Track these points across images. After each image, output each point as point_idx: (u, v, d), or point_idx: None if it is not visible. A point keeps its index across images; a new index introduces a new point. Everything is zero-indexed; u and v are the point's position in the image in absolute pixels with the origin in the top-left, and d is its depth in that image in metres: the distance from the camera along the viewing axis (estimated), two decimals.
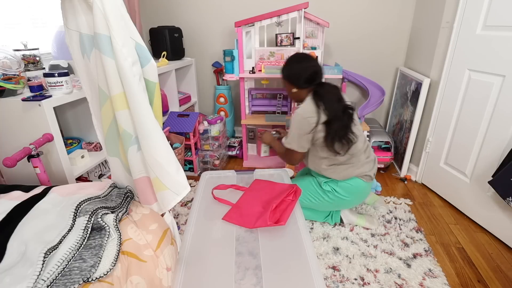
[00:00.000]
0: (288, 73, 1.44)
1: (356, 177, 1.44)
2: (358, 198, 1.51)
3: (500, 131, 1.44)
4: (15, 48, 1.41)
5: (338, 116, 1.34)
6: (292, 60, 1.44)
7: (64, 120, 1.66)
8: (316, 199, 1.50)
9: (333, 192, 1.45)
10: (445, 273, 1.30)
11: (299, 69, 1.40)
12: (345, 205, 1.54)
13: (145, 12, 2.50)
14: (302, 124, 1.36)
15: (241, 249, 0.95)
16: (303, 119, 1.35)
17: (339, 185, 1.44)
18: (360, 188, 1.45)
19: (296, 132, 1.39)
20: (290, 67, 1.43)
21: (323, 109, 1.34)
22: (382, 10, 2.23)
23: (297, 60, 1.43)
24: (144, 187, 0.92)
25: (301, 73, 1.39)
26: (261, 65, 2.02)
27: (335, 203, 1.48)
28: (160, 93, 0.87)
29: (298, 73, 1.40)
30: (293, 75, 1.42)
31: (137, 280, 0.76)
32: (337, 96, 1.39)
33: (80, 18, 0.78)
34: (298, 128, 1.38)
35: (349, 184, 1.44)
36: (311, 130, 1.35)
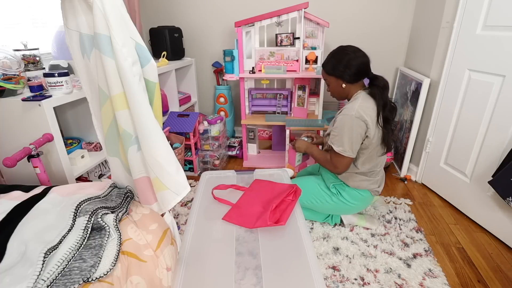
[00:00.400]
0: (335, 67, 1.31)
1: (367, 190, 1.43)
2: (360, 206, 1.50)
3: (500, 131, 1.44)
4: (15, 48, 1.41)
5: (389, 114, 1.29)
6: (337, 53, 1.32)
7: (64, 120, 1.66)
8: (319, 200, 1.49)
9: (337, 196, 1.45)
10: (445, 273, 1.30)
11: (349, 61, 1.27)
12: (346, 211, 1.54)
13: (145, 12, 2.50)
14: (355, 126, 1.25)
15: (241, 249, 0.95)
16: (356, 119, 1.24)
17: (346, 191, 1.43)
18: (365, 199, 1.45)
19: (348, 135, 1.26)
20: (337, 60, 1.30)
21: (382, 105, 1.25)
22: (382, 10, 2.23)
23: (343, 52, 1.30)
24: (144, 187, 0.92)
25: (352, 65, 1.27)
26: (261, 65, 2.02)
27: (337, 207, 1.48)
28: (160, 93, 0.87)
29: (349, 66, 1.28)
30: (342, 68, 1.29)
31: (137, 280, 0.76)
32: (388, 91, 1.32)
33: (80, 18, 0.78)
34: (350, 131, 1.25)
35: (357, 193, 1.43)
36: (364, 132, 1.26)
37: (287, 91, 2.19)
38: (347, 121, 1.26)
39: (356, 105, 1.26)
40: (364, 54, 1.31)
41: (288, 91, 2.19)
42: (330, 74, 1.35)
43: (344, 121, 1.26)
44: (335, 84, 1.36)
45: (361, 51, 1.31)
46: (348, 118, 1.26)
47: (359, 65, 1.29)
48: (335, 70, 1.32)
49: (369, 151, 1.33)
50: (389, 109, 1.30)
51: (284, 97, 2.20)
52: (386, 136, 1.30)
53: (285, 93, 2.19)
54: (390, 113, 1.31)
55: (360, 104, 1.27)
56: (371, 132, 1.27)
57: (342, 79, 1.32)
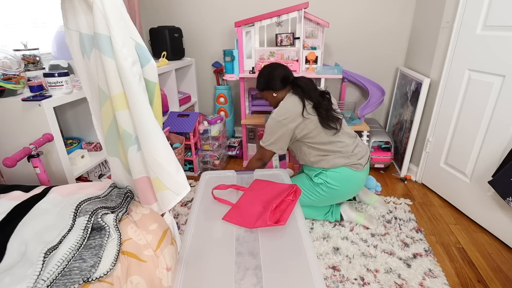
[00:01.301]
0: (264, 82, 1.55)
1: (344, 166, 1.46)
2: (350, 187, 1.52)
3: (500, 131, 1.44)
4: (15, 48, 1.41)
5: (319, 100, 1.47)
6: (261, 72, 1.58)
7: (64, 120, 1.66)
8: (312, 194, 1.52)
9: (324, 184, 1.47)
10: (445, 273, 1.30)
11: (271, 74, 1.53)
12: (340, 196, 1.55)
13: (145, 12, 2.50)
14: (275, 127, 1.46)
15: (241, 249, 0.95)
16: (278, 122, 1.45)
17: (328, 176, 1.47)
18: (349, 176, 1.48)
19: (270, 134, 1.48)
20: (264, 76, 1.56)
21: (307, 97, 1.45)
22: (382, 10, 2.23)
23: (265, 69, 1.57)
24: (144, 187, 0.92)
25: (274, 76, 1.52)
26: (261, 65, 2.01)
27: (329, 195, 1.50)
28: (160, 93, 0.87)
29: (272, 77, 1.52)
30: (269, 81, 1.53)
31: (137, 280, 0.76)
32: (313, 85, 1.52)
33: (80, 18, 0.78)
34: (271, 131, 1.48)
35: (337, 173, 1.46)
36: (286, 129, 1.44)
37: None
38: (269, 122, 1.49)
39: (276, 109, 1.49)
40: (282, 65, 1.57)
41: None
42: (263, 90, 1.58)
43: (268, 122, 1.51)
44: (269, 96, 1.58)
45: (278, 64, 1.58)
46: (270, 119, 1.49)
47: (280, 74, 1.52)
48: (266, 84, 1.55)
49: (315, 135, 1.46)
50: (319, 95, 1.48)
51: None
52: (321, 120, 1.44)
53: None
54: (321, 98, 1.48)
55: (280, 105, 1.49)
56: (294, 126, 1.44)
57: (271, 89, 1.55)
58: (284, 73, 1.53)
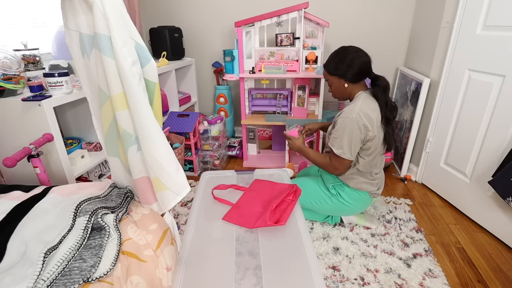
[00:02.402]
0: (337, 66, 1.30)
1: (366, 192, 1.44)
2: (360, 207, 1.50)
3: (500, 131, 1.44)
4: (15, 48, 1.41)
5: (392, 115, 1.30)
6: (340, 52, 1.32)
7: (64, 120, 1.66)
8: (319, 201, 1.49)
9: (337, 197, 1.45)
10: (445, 273, 1.30)
11: (351, 60, 1.27)
12: (345, 212, 1.53)
13: (145, 12, 2.50)
14: (355, 129, 1.25)
15: (241, 249, 0.95)
16: (356, 122, 1.24)
17: (346, 191, 1.43)
18: (364, 200, 1.45)
19: (348, 137, 1.26)
20: (339, 59, 1.30)
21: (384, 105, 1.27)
22: (382, 10, 2.23)
23: (346, 52, 1.30)
24: (144, 187, 0.92)
25: (354, 64, 1.27)
26: (261, 65, 2.02)
27: (336, 208, 1.48)
28: (160, 93, 0.87)
29: (351, 65, 1.28)
30: (345, 68, 1.29)
31: (137, 280, 0.76)
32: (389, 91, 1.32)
33: (80, 18, 0.78)
34: (350, 134, 1.26)
35: (357, 194, 1.43)
36: (364, 135, 1.27)
37: (287, 91, 2.19)
38: (348, 124, 1.26)
39: (357, 108, 1.26)
40: (366, 54, 1.31)
41: (288, 91, 2.19)
42: (333, 73, 1.34)
43: (345, 123, 1.26)
44: (337, 84, 1.35)
45: (363, 51, 1.31)
46: (349, 121, 1.26)
47: (361, 64, 1.28)
48: (338, 70, 1.31)
49: (371, 151, 1.34)
50: (389, 109, 1.32)
51: (284, 97, 2.20)
52: (387, 136, 1.33)
53: (285, 93, 2.19)
54: (390, 112, 1.32)
55: (361, 106, 1.27)
56: (372, 134, 1.27)
57: (344, 78, 1.32)
58: (365, 62, 1.28)
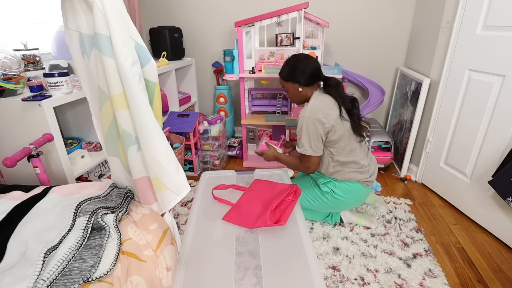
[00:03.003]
0: (291, 73, 1.40)
1: (356, 181, 1.44)
2: (355, 200, 1.51)
3: (500, 131, 1.44)
4: (15, 48, 1.41)
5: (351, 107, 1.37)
6: (292, 60, 1.42)
7: (64, 120, 1.66)
8: (315, 200, 1.50)
9: (331, 194, 1.45)
10: (445, 273, 1.30)
11: (303, 66, 1.37)
12: (342, 207, 1.54)
13: (145, 12, 2.50)
14: (310, 125, 1.32)
15: (241, 249, 0.95)
16: (310, 119, 1.31)
17: (337, 186, 1.44)
18: (357, 190, 1.46)
19: (306, 135, 1.34)
20: (291, 66, 1.40)
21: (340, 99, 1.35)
22: (382, 10, 2.23)
23: (296, 58, 1.41)
24: (144, 187, 0.92)
25: (306, 69, 1.37)
26: (261, 65, 2.02)
27: (333, 204, 1.48)
28: (160, 93, 0.87)
29: (303, 70, 1.37)
30: (298, 73, 1.38)
31: (137, 280, 0.76)
32: (343, 89, 1.42)
33: (80, 18, 0.78)
34: (307, 131, 1.33)
35: (347, 185, 1.44)
36: (322, 129, 1.32)
37: None
38: (303, 122, 1.34)
39: (309, 106, 1.35)
40: (315, 60, 1.43)
41: None
42: (287, 80, 1.43)
43: (301, 122, 1.35)
44: (292, 89, 1.44)
45: (312, 57, 1.42)
46: (304, 119, 1.34)
47: (312, 69, 1.38)
48: (291, 76, 1.41)
49: (342, 142, 1.37)
50: (349, 101, 1.39)
51: (284, 97, 2.20)
52: (353, 126, 1.37)
53: (285, 93, 2.19)
54: (351, 104, 1.39)
55: (312, 103, 1.36)
56: (329, 125, 1.32)
57: (298, 83, 1.40)
58: (315, 67, 1.39)
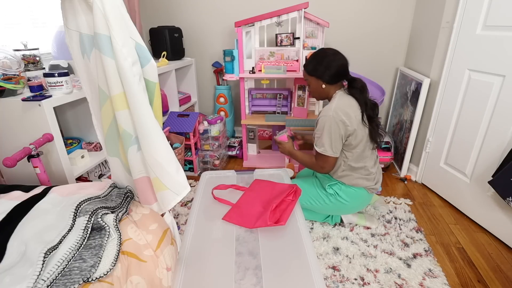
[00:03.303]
0: (316, 67, 1.35)
1: (362, 187, 1.44)
2: (358, 205, 1.51)
3: (500, 131, 1.44)
4: (15, 48, 1.41)
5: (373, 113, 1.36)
6: (318, 54, 1.37)
7: (64, 120, 1.66)
8: (317, 201, 1.49)
9: (335, 196, 1.45)
10: (445, 273, 1.30)
11: (329, 62, 1.33)
12: (344, 210, 1.54)
13: (145, 12, 2.50)
14: (333, 126, 1.29)
15: (241, 249, 0.95)
16: (333, 119, 1.29)
17: (342, 190, 1.44)
18: (362, 196, 1.45)
19: (327, 135, 1.31)
20: (318, 61, 1.35)
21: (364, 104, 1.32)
22: (382, 10, 2.23)
23: (324, 53, 1.36)
24: (144, 187, 0.92)
25: (332, 66, 1.33)
26: (261, 65, 2.02)
27: (335, 207, 1.48)
28: (160, 93, 0.87)
29: (329, 67, 1.33)
30: (323, 69, 1.34)
31: (137, 280, 0.76)
32: (367, 92, 1.38)
33: (80, 18, 0.78)
34: (329, 131, 1.30)
35: (353, 190, 1.43)
36: (344, 131, 1.30)
37: (287, 91, 2.19)
38: (326, 122, 1.30)
39: (333, 106, 1.31)
40: (343, 57, 1.36)
41: (288, 91, 2.19)
42: (311, 74, 1.39)
43: (324, 122, 1.31)
44: (315, 85, 1.40)
45: (341, 54, 1.36)
46: (326, 119, 1.30)
47: (338, 66, 1.34)
48: (316, 71, 1.36)
49: (359, 148, 1.36)
50: (370, 107, 1.36)
51: (284, 97, 2.20)
52: (372, 133, 1.36)
53: (285, 93, 2.19)
54: (372, 110, 1.36)
55: (336, 103, 1.32)
56: (351, 129, 1.30)
57: (322, 79, 1.36)
58: (343, 65, 1.34)
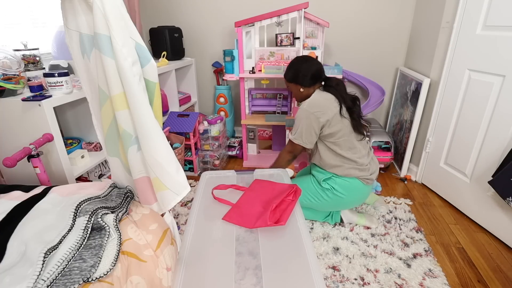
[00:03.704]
0: (294, 75, 1.50)
1: (356, 178, 1.44)
2: (356, 198, 1.51)
3: (500, 131, 1.44)
4: (15, 48, 1.41)
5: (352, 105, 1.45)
6: (294, 63, 1.52)
7: (64, 120, 1.66)
8: (315, 198, 1.50)
9: (331, 190, 1.46)
10: (445, 273, 1.30)
11: (304, 69, 1.48)
12: (343, 205, 1.54)
13: (145, 12, 2.50)
14: (305, 118, 1.41)
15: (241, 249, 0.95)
16: (305, 112, 1.41)
17: (337, 183, 1.45)
18: (357, 188, 1.46)
19: (300, 125, 1.43)
20: (295, 69, 1.50)
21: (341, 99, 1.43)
22: (382, 10, 2.23)
23: (299, 61, 1.52)
24: (144, 187, 0.92)
25: (307, 72, 1.47)
26: (261, 65, 2.02)
27: (333, 202, 1.49)
28: (160, 93, 0.87)
29: (304, 73, 1.47)
30: (300, 75, 1.48)
31: (137, 280, 0.76)
32: (345, 88, 1.49)
33: (80, 18, 0.78)
34: (301, 122, 1.43)
35: (347, 182, 1.44)
36: (317, 122, 1.39)
37: (287, 91, 2.19)
38: (300, 115, 1.44)
39: (307, 101, 1.46)
40: (317, 61, 1.52)
41: (288, 91, 2.19)
42: (290, 81, 1.53)
43: (298, 115, 1.45)
44: (295, 89, 1.54)
45: (315, 60, 1.53)
46: (301, 112, 1.44)
47: (313, 71, 1.47)
48: (294, 78, 1.50)
49: (342, 138, 1.43)
50: (351, 100, 1.46)
51: (284, 97, 2.20)
52: (354, 124, 1.44)
53: (285, 93, 2.19)
54: (352, 103, 1.46)
55: (310, 99, 1.46)
56: (324, 120, 1.39)
57: (300, 84, 1.50)
58: (316, 70, 1.48)
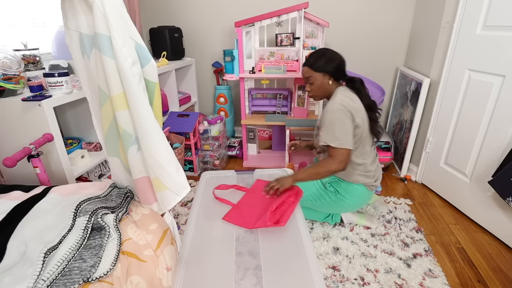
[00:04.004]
0: (326, 63, 1.34)
1: (362, 184, 1.44)
2: (359, 202, 1.51)
3: (500, 131, 1.44)
4: (15, 48, 1.41)
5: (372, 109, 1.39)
6: (327, 51, 1.37)
7: (64, 120, 1.66)
8: (318, 200, 1.50)
9: (335, 194, 1.45)
10: (445, 273, 1.30)
11: (338, 58, 1.36)
12: (345, 208, 1.54)
13: (145, 12, 2.50)
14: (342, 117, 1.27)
15: (241, 249, 0.95)
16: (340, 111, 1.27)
17: (342, 187, 1.44)
18: (362, 194, 1.45)
19: (339, 127, 1.27)
20: (328, 57, 1.35)
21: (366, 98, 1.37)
22: (382, 10, 2.23)
23: (331, 50, 1.38)
24: (144, 187, 0.92)
25: (342, 62, 1.36)
26: (261, 65, 2.02)
27: (335, 205, 1.48)
28: (160, 93, 0.87)
29: (339, 62, 1.36)
30: (334, 65, 1.35)
31: (137, 280, 0.76)
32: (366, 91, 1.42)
33: (80, 18, 0.78)
34: (340, 123, 1.27)
35: (353, 187, 1.43)
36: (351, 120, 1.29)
37: (287, 91, 2.19)
38: (334, 115, 1.28)
39: (337, 99, 1.32)
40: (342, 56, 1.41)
41: (288, 91, 2.19)
42: (319, 70, 1.36)
43: (332, 116, 1.29)
44: (321, 81, 1.38)
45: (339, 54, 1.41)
46: (335, 112, 1.29)
47: (343, 64, 1.39)
48: (325, 67, 1.35)
49: (360, 142, 1.37)
50: (373, 103, 1.40)
51: (284, 97, 2.20)
52: (372, 127, 1.39)
53: (285, 93, 2.19)
54: (374, 106, 1.40)
55: (340, 97, 1.33)
56: (358, 121, 1.31)
57: (331, 75, 1.36)
58: (344, 63, 1.39)
